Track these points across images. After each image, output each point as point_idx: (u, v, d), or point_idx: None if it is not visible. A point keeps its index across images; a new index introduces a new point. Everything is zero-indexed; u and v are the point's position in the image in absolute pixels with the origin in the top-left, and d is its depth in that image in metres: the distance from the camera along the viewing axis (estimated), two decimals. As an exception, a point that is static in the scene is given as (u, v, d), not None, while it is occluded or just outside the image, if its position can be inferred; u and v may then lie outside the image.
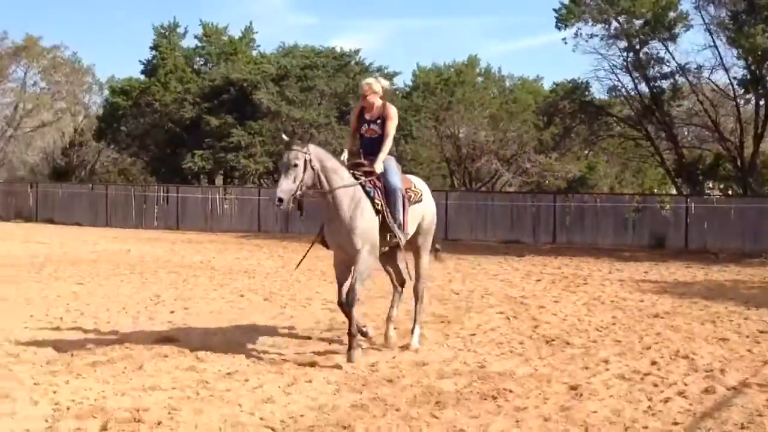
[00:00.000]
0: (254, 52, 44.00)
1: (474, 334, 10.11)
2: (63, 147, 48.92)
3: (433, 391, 7.26)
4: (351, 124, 9.34)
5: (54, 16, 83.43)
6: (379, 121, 8.87)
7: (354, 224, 8.36)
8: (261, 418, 6.38)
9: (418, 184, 9.44)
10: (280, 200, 8.01)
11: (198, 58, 44.22)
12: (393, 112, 8.89)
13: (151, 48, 43.26)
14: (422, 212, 9.27)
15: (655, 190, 42.25)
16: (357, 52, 39.22)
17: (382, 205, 8.55)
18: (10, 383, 7.16)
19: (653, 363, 8.55)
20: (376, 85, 8.93)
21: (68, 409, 6.46)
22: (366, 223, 8.41)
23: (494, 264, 19.68)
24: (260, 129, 35.91)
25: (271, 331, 10.11)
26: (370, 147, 8.85)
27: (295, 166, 8.07)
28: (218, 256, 21.09)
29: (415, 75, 43.29)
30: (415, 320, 9.44)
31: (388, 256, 9.45)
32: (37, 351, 8.57)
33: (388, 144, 8.79)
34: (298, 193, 8.14)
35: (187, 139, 38.02)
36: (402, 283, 9.74)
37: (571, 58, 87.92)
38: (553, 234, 28.08)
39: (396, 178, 8.79)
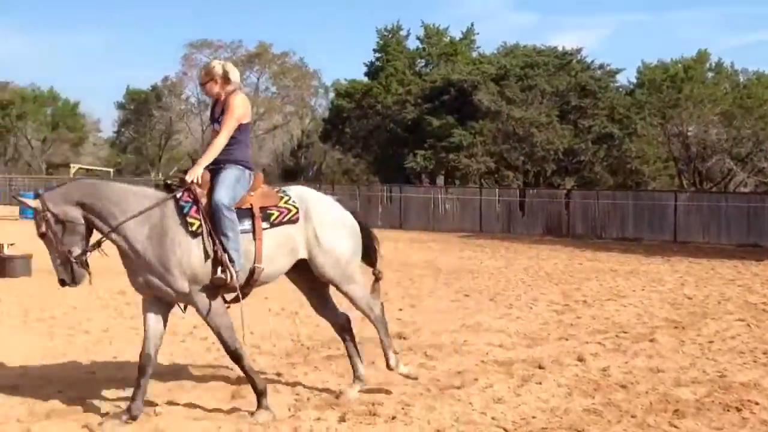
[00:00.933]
0: (474, 53, 44.26)
1: (712, 342, 9.58)
2: (292, 148, 51.56)
3: (670, 399, 6.94)
4: None
5: (283, 23, 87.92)
6: (220, 118, 6.49)
7: (165, 259, 5.95)
8: (492, 418, 6.36)
9: (304, 196, 6.74)
10: (62, 282, 5.99)
11: (419, 60, 45.04)
12: (235, 102, 6.38)
13: (375, 50, 44.47)
14: (300, 237, 6.59)
15: None
16: (579, 50, 38.53)
17: (201, 223, 6.03)
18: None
19: None
20: (218, 67, 6.49)
21: (308, 399, 6.76)
22: (182, 253, 5.98)
23: (730, 268, 18.63)
24: (481, 129, 36.05)
25: (498, 331, 10.08)
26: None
27: (43, 235, 5.91)
28: (441, 255, 21.33)
29: (639, 72, 41.89)
30: (384, 346, 7.10)
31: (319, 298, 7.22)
32: (276, 344, 9.03)
33: (218, 145, 6.29)
34: (75, 256, 5.92)
35: (409, 140, 38.81)
36: (346, 322, 7.37)
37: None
38: (797, 238, 26.22)
39: (223, 190, 6.16)
